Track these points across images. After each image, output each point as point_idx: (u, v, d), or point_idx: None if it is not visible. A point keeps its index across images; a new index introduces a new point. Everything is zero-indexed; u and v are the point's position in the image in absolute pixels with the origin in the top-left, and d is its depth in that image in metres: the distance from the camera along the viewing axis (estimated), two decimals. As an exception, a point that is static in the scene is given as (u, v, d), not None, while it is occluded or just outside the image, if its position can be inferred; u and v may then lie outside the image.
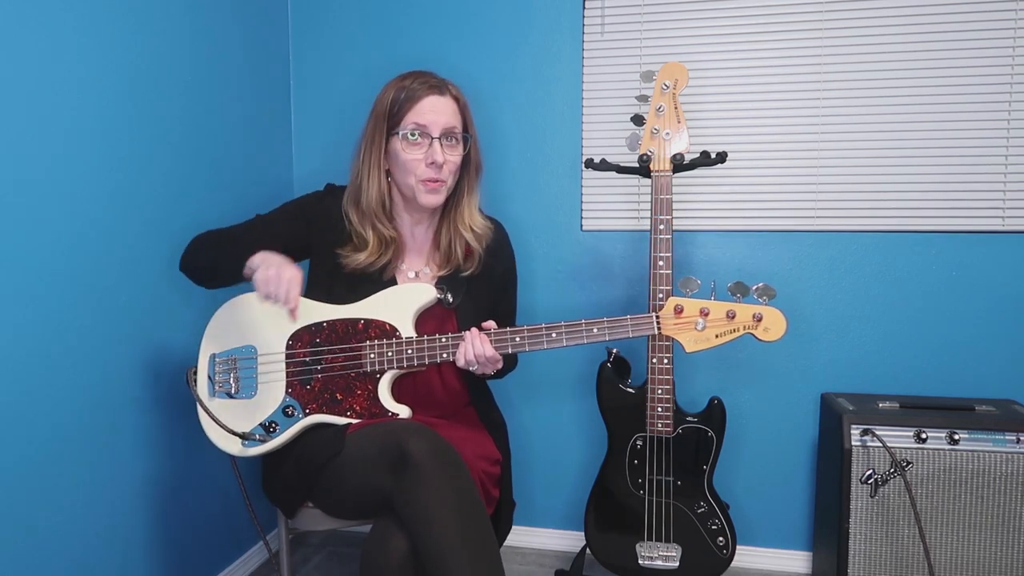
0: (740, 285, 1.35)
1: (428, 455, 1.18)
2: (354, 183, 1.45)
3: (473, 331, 1.35)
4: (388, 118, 1.40)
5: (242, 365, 1.40)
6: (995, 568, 1.58)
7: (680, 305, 1.36)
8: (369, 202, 1.42)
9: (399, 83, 1.41)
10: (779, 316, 1.34)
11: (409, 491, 1.17)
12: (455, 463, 1.22)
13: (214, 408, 1.39)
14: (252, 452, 1.37)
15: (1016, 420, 1.58)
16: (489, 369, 1.37)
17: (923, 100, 1.80)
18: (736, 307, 1.35)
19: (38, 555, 1.32)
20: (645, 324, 1.37)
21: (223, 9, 1.80)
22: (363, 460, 1.25)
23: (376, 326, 1.38)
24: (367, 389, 1.38)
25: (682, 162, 1.52)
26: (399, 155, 1.39)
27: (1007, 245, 1.78)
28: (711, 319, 1.35)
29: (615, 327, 1.36)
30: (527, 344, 1.36)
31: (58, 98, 1.33)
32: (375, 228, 1.42)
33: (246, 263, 1.35)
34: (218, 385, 1.40)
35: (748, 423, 1.95)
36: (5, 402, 1.25)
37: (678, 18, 1.91)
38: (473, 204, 1.50)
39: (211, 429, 1.38)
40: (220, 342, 1.42)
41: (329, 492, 1.33)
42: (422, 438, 1.21)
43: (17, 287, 1.27)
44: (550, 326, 1.36)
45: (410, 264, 1.49)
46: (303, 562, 2.03)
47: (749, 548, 1.97)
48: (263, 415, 1.38)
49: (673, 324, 1.37)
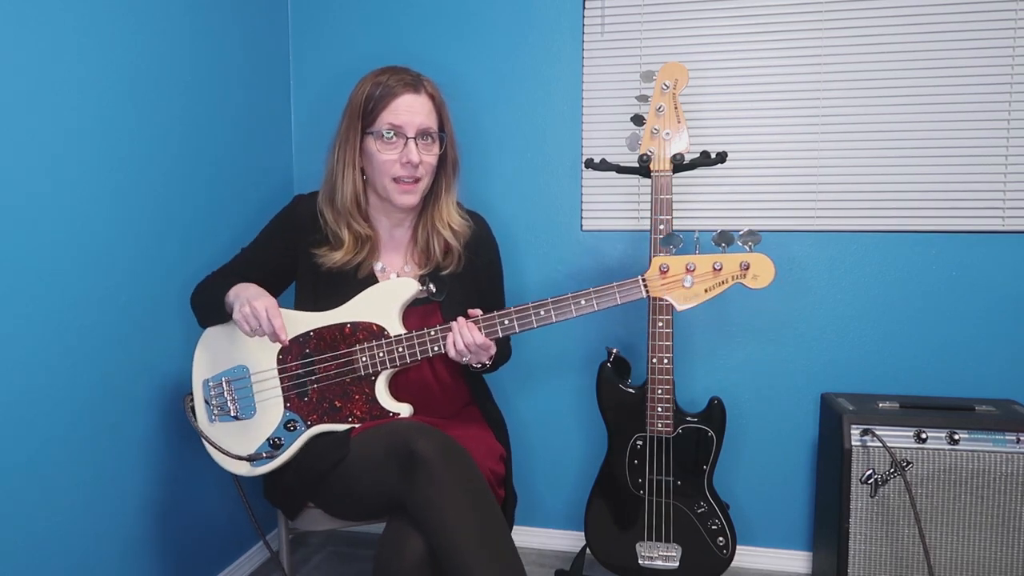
0: (724, 234, 1.29)
1: (437, 454, 1.18)
2: (328, 181, 1.44)
3: (460, 320, 1.33)
4: (362, 116, 1.39)
5: (236, 386, 1.40)
6: (995, 568, 1.58)
7: (665, 264, 1.32)
8: (344, 201, 1.41)
9: (373, 79, 1.40)
10: (766, 261, 1.30)
11: (421, 492, 1.17)
12: (464, 461, 1.22)
13: (216, 433, 1.39)
14: (261, 470, 1.37)
15: (1016, 420, 1.58)
16: (483, 357, 1.35)
17: (923, 100, 1.80)
18: (722, 258, 1.30)
19: (38, 555, 1.32)
20: (632, 289, 1.33)
21: (223, 9, 1.80)
22: (371, 462, 1.25)
23: (363, 328, 1.37)
24: (364, 393, 1.37)
25: (682, 162, 1.52)
26: (374, 155, 1.38)
27: (1007, 245, 1.78)
28: (698, 274, 1.31)
29: (602, 296, 1.33)
30: (516, 325, 1.33)
31: (58, 98, 1.33)
32: (350, 227, 1.42)
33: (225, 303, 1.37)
34: (216, 409, 1.40)
35: (748, 423, 1.95)
36: (5, 403, 1.25)
37: (678, 18, 1.90)
38: (451, 202, 1.50)
39: (216, 456, 1.38)
40: (210, 367, 1.42)
41: (335, 495, 1.32)
42: (430, 438, 1.21)
43: (17, 287, 1.27)
44: (537, 304, 1.33)
45: (388, 262, 1.49)
46: (303, 562, 2.03)
47: (749, 548, 1.97)
48: (266, 432, 1.38)
49: (660, 284, 1.32)
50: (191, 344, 1.45)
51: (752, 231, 1.29)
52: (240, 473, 1.37)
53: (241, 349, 1.40)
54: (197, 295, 1.48)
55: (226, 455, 1.36)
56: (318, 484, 1.31)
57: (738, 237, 1.29)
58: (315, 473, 1.31)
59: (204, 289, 1.47)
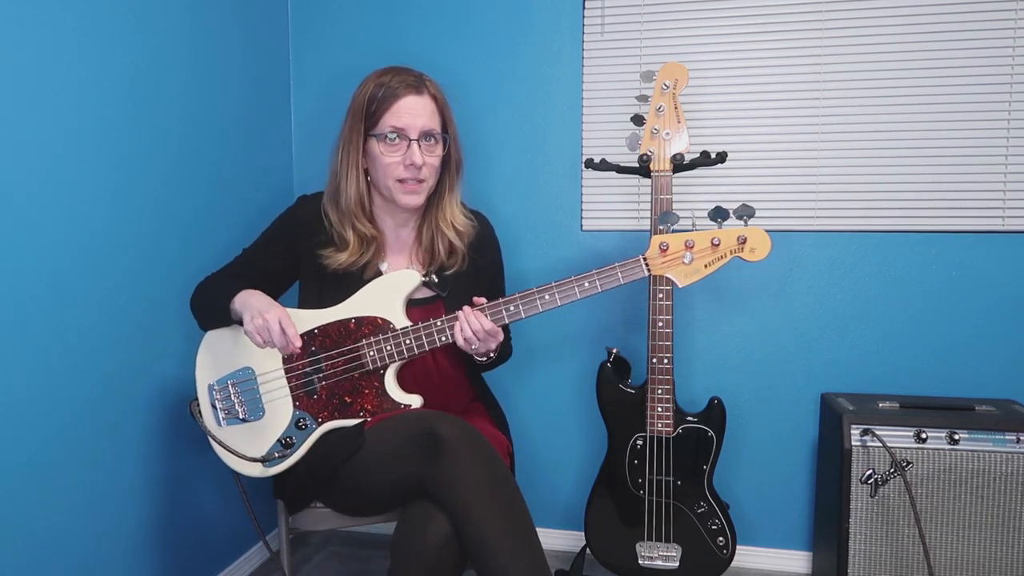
0: (719, 209, 1.33)
1: (460, 437, 1.20)
2: (333, 183, 1.44)
3: (465, 309, 1.34)
4: (365, 118, 1.39)
5: (242, 388, 1.39)
6: (995, 568, 1.58)
7: (664, 242, 1.34)
8: (348, 202, 1.41)
9: (376, 80, 1.40)
10: (763, 235, 1.33)
11: (446, 473, 1.18)
12: (484, 444, 1.23)
13: (225, 436, 1.38)
14: (274, 471, 1.37)
15: (1016, 420, 1.58)
16: (491, 344, 1.35)
17: (923, 100, 1.80)
18: (719, 233, 1.32)
19: (38, 555, 1.32)
20: (634, 268, 1.35)
21: (223, 9, 1.80)
22: (389, 451, 1.25)
23: (368, 322, 1.37)
24: (374, 387, 1.37)
25: (682, 162, 1.52)
26: (377, 157, 1.38)
27: (1007, 245, 1.78)
28: (697, 250, 1.33)
29: (605, 276, 1.34)
30: (522, 310, 1.34)
31: (58, 98, 1.33)
32: (355, 228, 1.42)
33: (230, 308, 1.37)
34: (224, 413, 1.39)
35: (748, 423, 1.95)
36: (5, 402, 1.25)
37: (678, 18, 1.90)
38: (455, 202, 1.50)
39: (228, 458, 1.37)
40: (214, 370, 1.41)
41: (346, 491, 1.33)
42: (451, 422, 1.22)
43: (17, 287, 1.27)
44: (541, 288, 1.34)
45: (394, 263, 1.49)
46: (303, 562, 2.03)
47: (749, 548, 1.97)
48: (277, 433, 1.37)
49: (661, 263, 1.35)
50: (191, 344, 1.45)
51: (746, 205, 1.32)
52: (254, 475, 1.37)
53: (245, 351, 1.40)
54: (198, 296, 1.48)
55: (240, 458, 1.35)
56: (331, 480, 1.32)
57: (733, 212, 1.32)
58: (329, 468, 1.31)
59: (205, 291, 1.47)
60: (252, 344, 1.35)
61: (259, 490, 1.49)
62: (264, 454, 1.36)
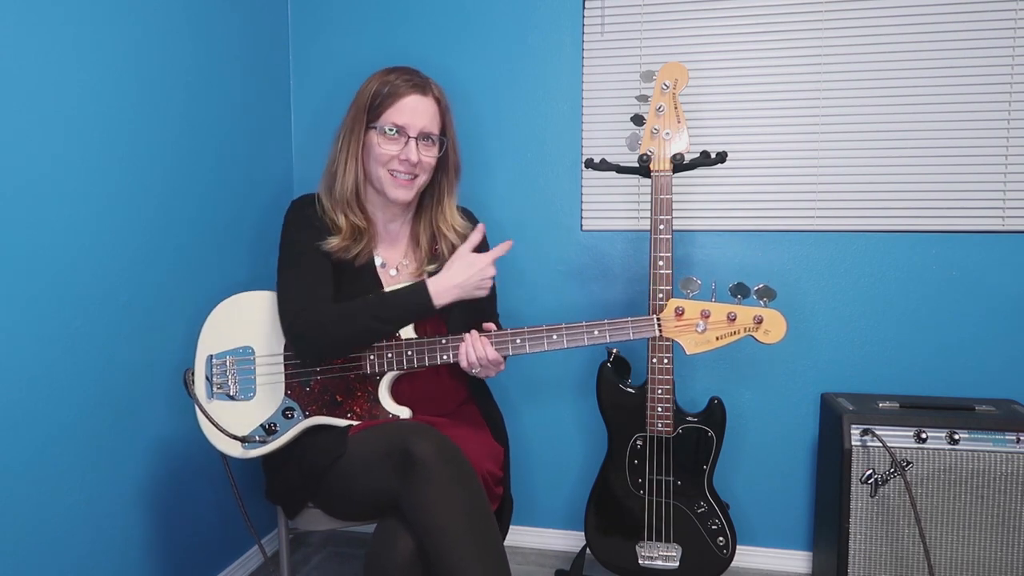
0: (741, 286, 1.35)
1: (433, 457, 1.19)
2: (330, 170, 1.46)
3: (473, 333, 1.35)
4: (368, 111, 1.41)
5: (240, 366, 1.40)
6: (995, 568, 1.58)
7: (681, 307, 1.36)
8: (343, 191, 1.43)
9: (382, 77, 1.42)
10: (779, 318, 1.34)
11: (416, 493, 1.17)
12: (460, 464, 1.22)
13: (213, 410, 1.38)
14: (253, 454, 1.37)
15: (1016, 420, 1.58)
16: (492, 372, 1.38)
17: (923, 100, 1.80)
18: (737, 309, 1.35)
19: (38, 555, 1.32)
20: (646, 326, 1.37)
21: (223, 8, 1.80)
22: (368, 462, 1.25)
23: None
24: (367, 391, 1.38)
25: (682, 162, 1.52)
26: (373, 147, 1.41)
27: (1007, 245, 1.78)
28: (712, 321, 1.35)
29: (616, 329, 1.37)
30: (528, 345, 1.36)
31: (58, 98, 1.33)
32: (346, 215, 1.43)
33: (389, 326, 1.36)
34: (216, 387, 1.40)
35: (748, 423, 1.95)
36: (5, 402, 1.25)
37: (678, 18, 1.90)
38: (454, 205, 1.53)
39: (210, 432, 1.37)
40: (217, 343, 1.42)
41: (333, 495, 1.33)
42: (427, 439, 1.21)
43: (17, 287, 1.26)
44: (551, 328, 1.36)
45: (387, 256, 1.50)
46: (303, 562, 2.03)
47: (749, 548, 1.97)
48: (262, 417, 1.38)
49: (674, 326, 1.37)
50: (191, 344, 1.45)
51: (768, 287, 1.34)
52: (231, 454, 1.37)
53: (250, 329, 1.41)
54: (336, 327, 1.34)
55: (222, 432, 1.35)
56: (318, 482, 1.32)
57: (753, 291, 1.34)
58: (317, 469, 1.31)
59: (344, 320, 1.34)
60: (259, 324, 1.36)
61: (259, 491, 1.48)
62: (246, 435, 1.36)
